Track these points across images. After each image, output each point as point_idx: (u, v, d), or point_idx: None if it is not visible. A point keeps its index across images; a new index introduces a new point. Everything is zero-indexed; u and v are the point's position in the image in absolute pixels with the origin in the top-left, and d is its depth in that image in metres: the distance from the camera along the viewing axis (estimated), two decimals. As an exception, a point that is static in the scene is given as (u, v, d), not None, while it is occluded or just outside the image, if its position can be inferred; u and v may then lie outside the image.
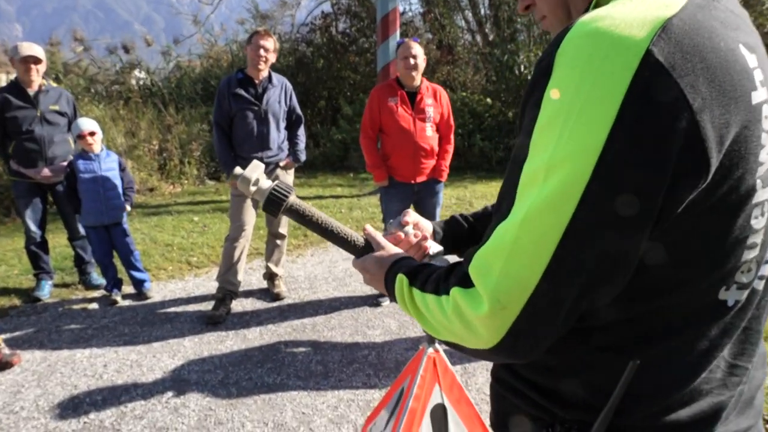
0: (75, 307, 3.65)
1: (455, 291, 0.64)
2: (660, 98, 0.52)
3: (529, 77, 0.62)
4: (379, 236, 0.96)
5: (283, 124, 3.56)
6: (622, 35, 0.53)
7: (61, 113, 3.67)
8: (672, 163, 0.53)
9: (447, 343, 0.71)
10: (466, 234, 1.13)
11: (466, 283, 0.64)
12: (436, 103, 3.37)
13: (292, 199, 0.96)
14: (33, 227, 3.68)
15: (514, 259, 0.57)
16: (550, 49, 0.59)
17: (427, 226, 1.09)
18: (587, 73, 0.54)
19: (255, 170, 0.96)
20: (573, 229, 0.55)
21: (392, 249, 0.92)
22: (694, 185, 0.55)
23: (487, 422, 2.02)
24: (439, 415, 1.81)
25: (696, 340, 0.64)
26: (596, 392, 0.66)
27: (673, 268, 0.61)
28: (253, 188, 0.96)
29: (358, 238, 0.97)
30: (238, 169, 0.98)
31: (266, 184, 0.97)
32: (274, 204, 0.94)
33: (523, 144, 0.60)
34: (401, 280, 0.79)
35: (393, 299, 0.84)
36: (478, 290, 0.61)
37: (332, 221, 0.97)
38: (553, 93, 0.57)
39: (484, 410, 2.46)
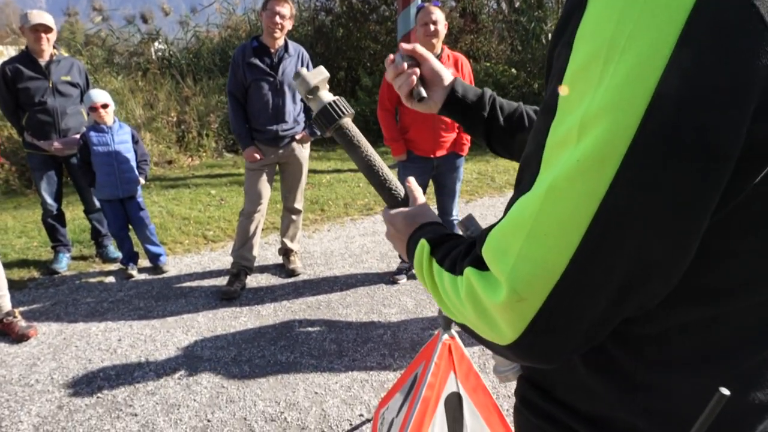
0: (92, 280, 3.66)
1: (469, 272, 0.53)
2: (731, 27, 0.38)
3: None
4: (419, 193, 0.85)
5: (299, 96, 3.43)
6: None
7: (73, 84, 3.61)
8: (748, 113, 0.39)
9: (463, 328, 0.59)
10: (479, 118, 0.94)
11: (482, 264, 0.52)
12: (457, 72, 3.19)
13: (347, 121, 0.86)
14: (49, 200, 3.67)
15: (536, 239, 0.45)
16: None
17: (443, 74, 0.95)
18: (632, 1, 0.40)
19: (317, 76, 0.87)
20: (612, 201, 0.41)
21: (427, 211, 0.80)
22: None
23: (503, 409, 1.93)
24: (454, 404, 1.72)
25: None
26: (659, 422, 0.53)
27: (747, 257, 0.48)
28: (309, 96, 0.87)
29: (399, 186, 0.87)
30: (303, 70, 0.88)
31: (327, 96, 0.87)
32: (326, 117, 0.85)
33: (549, 98, 0.48)
34: (422, 246, 0.68)
35: (411, 265, 0.73)
36: (493, 274, 0.50)
37: (378, 160, 0.87)
38: (561, 90, 0.44)
39: (502, 394, 2.37)
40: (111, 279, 3.67)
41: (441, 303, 0.62)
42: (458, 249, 0.60)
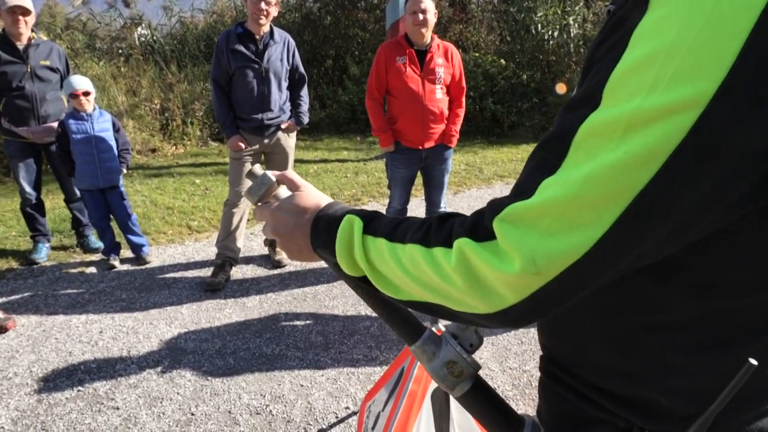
0: (72, 270, 3.58)
1: (464, 243, 0.52)
2: None
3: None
4: (297, 176, 0.76)
5: (285, 84, 3.37)
6: None
7: (52, 69, 3.50)
8: None
9: (412, 305, 0.60)
10: None
11: (480, 234, 0.52)
12: (447, 63, 3.16)
13: None
14: (28, 188, 3.57)
15: (567, 220, 0.47)
16: None
17: None
18: (700, 7, 0.42)
19: (262, 187, 0.76)
20: (649, 194, 0.44)
21: (319, 192, 0.75)
22: None
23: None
24: (441, 398, 1.71)
25: None
26: (682, 399, 0.57)
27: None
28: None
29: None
30: (257, 168, 0.77)
31: (285, 193, 0.77)
32: None
33: (590, 89, 0.48)
34: (350, 223, 0.64)
35: (318, 250, 0.69)
36: (501, 246, 0.50)
37: None
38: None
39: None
40: (92, 270, 3.59)
41: (382, 281, 0.61)
42: (414, 222, 0.61)
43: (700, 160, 0.42)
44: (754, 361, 0.47)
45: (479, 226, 0.53)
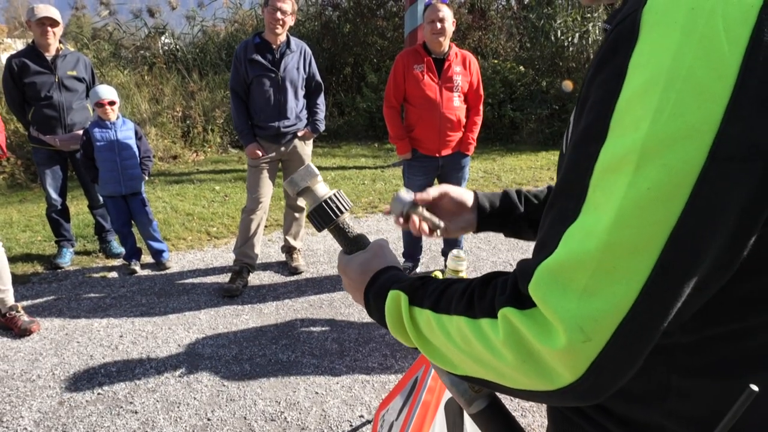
0: (95, 275, 3.66)
1: (509, 313, 0.48)
2: None
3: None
4: (383, 244, 0.77)
5: (301, 92, 3.41)
6: None
7: (79, 79, 3.60)
8: None
9: (470, 380, 0.55)
10: (522, 219, 0.92)
11: (522, 302, 0.48)
12: (465, 71, 3.15)
13: (345, 217, 0.78)
14: (53, 194, 3.67)
15: (605, 274, 0.43)
16: (632, 6, 0.46)
17: (465, 197, 0.93)
18: (691, 31, 0.42)
19: (307, 178, 0.79)
20: (685, 227, 0.42)
21: (380, 250, 0.74)
22: None
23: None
24: (455, 409, 1.70)
25: None
26: (686, 423, 0.55)
27: None
28: (300, 196, 0.81)
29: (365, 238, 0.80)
30: (295, 175, 0.80)
31: (322, 190, 0.79)
32: (321, 216, 0.76)
33: (594, 124, 0.47)
34: (396, 298, 0.63)
35: (374, 317, 0.69)
36: (544, 315, 0.46)
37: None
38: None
39: (504, 397, 2.34)
40: (114, 274, 3.67)
41: (435, 354, 0.58)
42: (458, 288, 0.57)
43: (728, 179, 0.41)
44: (755, 387, 0.45)
45: (520, 291, 0.49)
